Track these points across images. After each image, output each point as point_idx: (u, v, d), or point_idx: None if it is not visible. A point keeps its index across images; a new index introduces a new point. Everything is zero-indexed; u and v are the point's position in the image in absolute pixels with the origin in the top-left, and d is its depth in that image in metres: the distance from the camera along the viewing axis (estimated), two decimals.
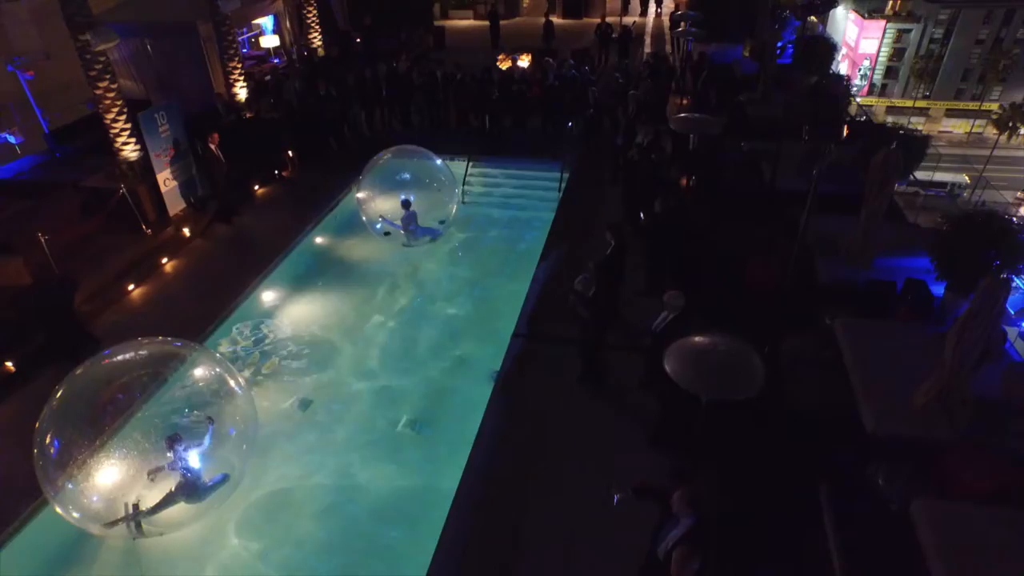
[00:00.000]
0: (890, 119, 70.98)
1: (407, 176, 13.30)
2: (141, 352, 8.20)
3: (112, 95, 13.10)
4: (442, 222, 13.56)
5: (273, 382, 11.00)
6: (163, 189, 13.56)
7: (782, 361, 9.07)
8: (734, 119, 15.30)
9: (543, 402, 9.37)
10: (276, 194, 15.56)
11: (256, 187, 15.52)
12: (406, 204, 13.04)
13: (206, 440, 8.29)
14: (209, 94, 17.54)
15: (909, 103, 69.62)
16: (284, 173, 16.18)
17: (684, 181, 12.65)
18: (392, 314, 12.57)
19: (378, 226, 13.28)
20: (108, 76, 12.96)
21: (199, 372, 8.59)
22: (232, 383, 8.50)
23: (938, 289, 9.36)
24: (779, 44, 16.83)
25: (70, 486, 7.61)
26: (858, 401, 7.92)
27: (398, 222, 13.17)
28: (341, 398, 10.78)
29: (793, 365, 9.07)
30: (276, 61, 21.98)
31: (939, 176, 51.77)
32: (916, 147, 10.58)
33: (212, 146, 13.54)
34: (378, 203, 13.40)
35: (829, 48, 15.90)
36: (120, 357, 8.00)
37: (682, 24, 19.50)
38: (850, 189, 11.59)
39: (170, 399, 8.99)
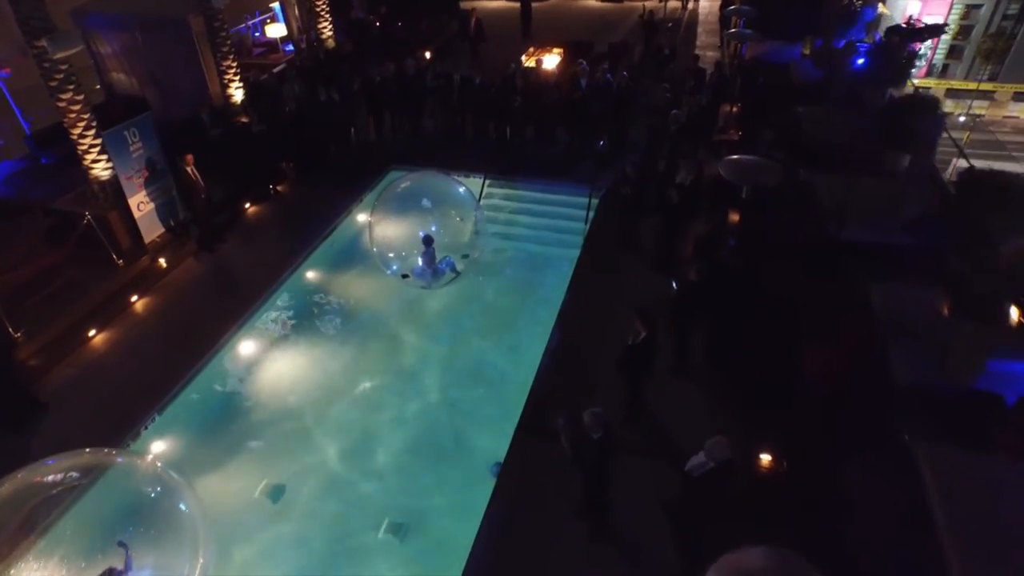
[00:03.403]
0: (949, 102, 66.34)
1: (427, 205, 11.32)
2: (72, 472, 6.83)
3: (77, 107, 11.49)
4: (465, 256, 11.66)
5: (242, 461, 9.54)
6: (137, 214, 12.02)
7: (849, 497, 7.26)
8: (788, 138, 13.14)
9: (549, 511, 7.76)
10: (268, 215, 13.86)
11: (247, 206, 13.92)
12: (428, 241, 11.12)
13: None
14: (204, 92, 15.93)
15: (973, 86, 64.63)
16: (279, 188, 14.55)
17: (732, 229, 10.66)
18: (381, 381, 10.91)
19: (394, 267, 11.42)
20: (71, 86, 11.34)
21: (141, 495, 7.12)
22: (182, 501, 7.03)
23: None
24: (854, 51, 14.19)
25: None
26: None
27: (419, 264, 11.28)
28: (316, 487, 9.27)
29: (863, 502, 7.24)
30: (289, 49, 20.22)
31: (1002, 166, 48.03)
32: None
33: (188, 168, 11.93)
34: (394, 241, 11.39)
35: (910, 57, 13.46)
36: (51, 477, 6.65)
37: (733, 20, 17.03)
38: (938, 239, 9.58)
39: (105, 524, 7.53)
